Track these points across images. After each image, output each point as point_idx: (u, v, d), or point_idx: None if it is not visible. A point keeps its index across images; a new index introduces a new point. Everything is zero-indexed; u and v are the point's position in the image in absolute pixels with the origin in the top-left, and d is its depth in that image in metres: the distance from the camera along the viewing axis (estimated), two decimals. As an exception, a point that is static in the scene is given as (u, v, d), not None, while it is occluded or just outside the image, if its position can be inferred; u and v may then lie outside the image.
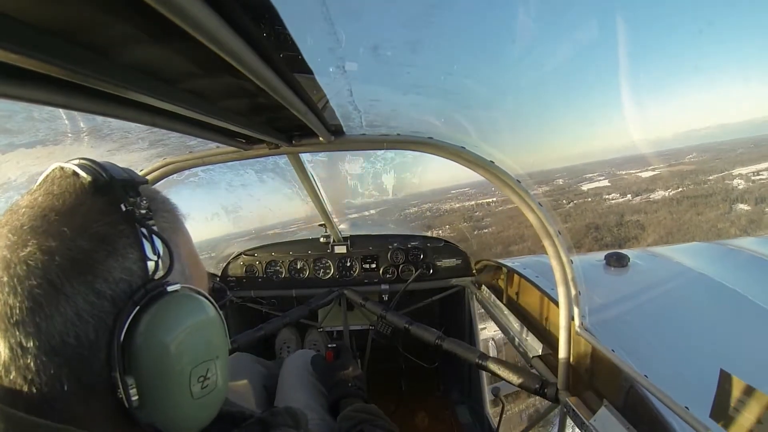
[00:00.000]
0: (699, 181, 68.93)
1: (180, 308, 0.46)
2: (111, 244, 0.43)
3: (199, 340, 0.47)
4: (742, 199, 60.13)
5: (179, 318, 0.45)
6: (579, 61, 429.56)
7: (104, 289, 0.41)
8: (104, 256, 0.42)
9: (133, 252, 0.44)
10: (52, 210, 0.42)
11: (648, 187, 66.69)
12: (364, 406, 1.13)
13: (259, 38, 0.48)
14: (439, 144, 1.23)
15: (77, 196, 0.44)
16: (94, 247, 0.42)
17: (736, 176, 66.93)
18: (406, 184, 2.61)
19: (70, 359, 0.40)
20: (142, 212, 0.46)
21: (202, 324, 0.48)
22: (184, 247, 0.52)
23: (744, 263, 2.05)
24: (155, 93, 0.56)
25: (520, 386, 1.52)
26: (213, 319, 0.49)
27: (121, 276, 0.43)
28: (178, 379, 0.45)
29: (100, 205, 0.44)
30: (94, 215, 0.43)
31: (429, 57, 0.78)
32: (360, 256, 2.63)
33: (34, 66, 0.39)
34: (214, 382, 0.48)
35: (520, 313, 1.95)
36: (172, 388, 0.44)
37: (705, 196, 62.81)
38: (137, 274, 0.44)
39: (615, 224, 53.61)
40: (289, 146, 1.17)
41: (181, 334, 0.45)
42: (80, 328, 0.40)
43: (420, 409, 2.63)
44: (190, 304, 0.47)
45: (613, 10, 57.24)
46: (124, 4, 0.36)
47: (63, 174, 0.46)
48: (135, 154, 1.22)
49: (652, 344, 1.33)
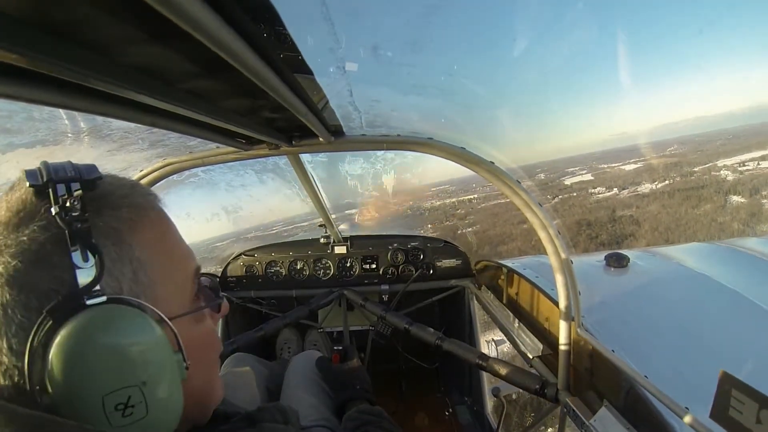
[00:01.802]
0: (685, 173, 68.51)
1: (97, 325, 0.39)
2: (38, 252, 0.39)
3: (116, 363, 0.40)
4: (735, 190, 59.59)
5: (93, 336, 0.39)
6: (579, 61, 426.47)
7: (31, 302, 0.38)
8: (30, 266, 0.39)
9: (63, 259, 0.40)
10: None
11: (634, 180, 65.88)
12: (369, 408, 1.13)
13: (259, 38, 0.48)
14: (439, 145, 1.23)
15: (19, 202, 0.42)
16: (18, 256, 0.39)
17: (722, 167, 66.64)
18: (406, 184, 2.61)
19: (9, 372, 0.39)
20: (74, 214, 0.40)
21: (125, 345, 0.40)
22: (149, 247, 0.47)
23: (744, 263, 2.05)
24: (155, 93, 0.56)
25: (520, 386, 1.52)
26: (145, 339, 0.42)
27: (49, 287, 0.39)
28: (89, 405, 0.39)
29: (30, 210, 0.41)
30: (27, 221, 0.41)
31: (429, 57, 0.78)
32: (360, 256, 2.63)
33: (34, 66, 0.39)
34: (141, 410, 0.41)
35: (520, 313, 1.95)
36: (85, 414, 0.39)
37: (697, 189, 62.02)
38: (68, 284, 0.39)
39: (608, 220, 52.52)
40: (289, 147, 1.17)
41: (90, 356, 0.39)
42: (12, 340, 0.39)
43: (420, 410, 2.63)
44: (113, 321, 0.40)
45: (609, 9, 57.44)
46: (124, 4, 0.36)
47: (19, 179, 0.44)
48: (135, 154, 1.22)
49: (652, 344, 1.33)
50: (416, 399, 2.78)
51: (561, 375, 1.39)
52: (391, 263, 2.62)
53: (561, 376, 1.39)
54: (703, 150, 75.07)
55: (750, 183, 59.90)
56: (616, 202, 59.73)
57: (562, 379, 1.39)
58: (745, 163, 65.73)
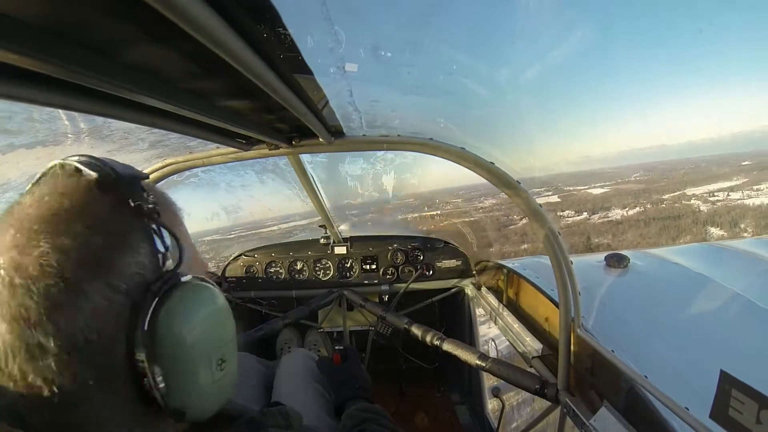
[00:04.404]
0: (655, 200, 68.38)
1: (195, 296, 0.48)
2: (123, 239, 0.44)
3: (214, 325, 0.49)
4: (713, 222, 59.51)
5: (196, 306, 0.47)
6: (579, 60, 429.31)
7: (119, 284, 0.42)
8: (118, 252, 0.43)
9: (145, 246, 0.45)
10: (61, 209, 0.42)
11: (603, 205, 65.15)
12: (368, 406, 1.13)
13: (259, 39, 0.48)
14: (439, 145, 1.23)
15: (85, 193, 0.44)
16: (108, 244, 0.42)
17: (692, 197, 66.87)
18: (406, 185, 2.61)
19: (92, 355, 0.40)
20: (150, 207, 0.47)
21: (215, 310, 0.50)
22: (185, 240, 0.53)
23: (744, 264, 2.05)
24: (155, 93, 0.56)
25: (520, 386, 1.52)
26: (223, 305, 0.51)
27: (134, 270, 0.43)
28: (200, 364, 0.47)
29: (109, 201, 0.45)
30: (105, 212, 0.44)
31: (429, 57, 0.77)
32: (360, 256, 2.63)
33: (34, 66, 0.39)
34: (230, 364, 0.51)
35: (520, 313, 1.95)
36: (195, 373, 0.46)
37: (673, 218, 61.72)
38: (149, 268, 0.45)
39: (584, 248, 50.12)
40: (289, 147, 1.17)
41: (199, 321, 0.47)
42: (101, 323, 0.40)
43: (420, 410, 2.63)
44: (203, 293, 0.49)
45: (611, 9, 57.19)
46: (124, 4, 0.36)
47: (65, 172, 0.45)
48: (135, 154, 1.22)
49: (652, 344, 1.33)
50: (416, 399, 2.78)
51: (561, 375, 1.39)
52: (391, 263, 2.62)
53: (561, 376, 1.39)
54: (668, 178, 75.17)
55: (728, 215, 59.84)
56: (588, 228, 58.75)
57: (561, 379, 1.39)
58: (714, 194, 66.16)
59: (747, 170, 73.40)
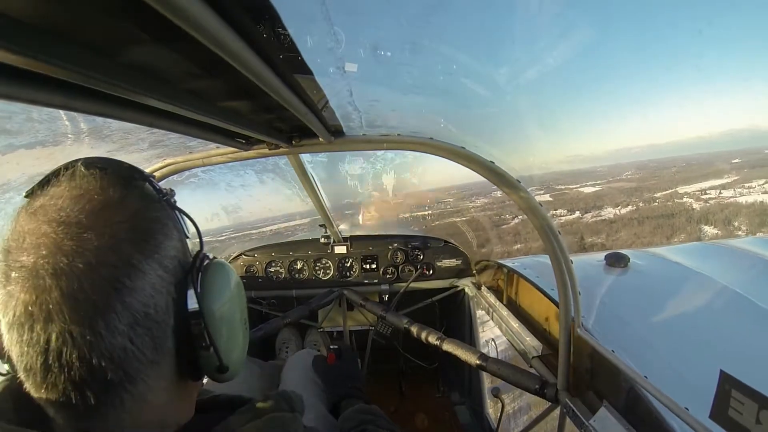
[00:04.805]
0: (647, 198, 68.02)
1: (223, 271, 0.56)
2: (164, 226, 0.49)
3: (239, 292, 0.59)
4: (707, 220, 59.29)
5: (225, 278, 0.56)
6: (579, 60, 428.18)
7: (167, 264, 0.48)
8: (162, 236, 0.48)
9: (176, 232, 0.51)
10: (107, 202, 0.45)
11: (595, 204, 64.67)
12: (366, 407, 1.13)
13: (259, 39, 0.48)
14: (439, 144, 1.23)
15: (120, 189, 0.47)
16: (155, 228, 0.48)
17: (684, 195, 66.66)
18: (406, 184, 2.61)
19: (151, 328, 0.45)
20: (173, 199, 0.53)
21: (237, 282, 0.59)
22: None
23: (744, 263, 2.05)
24: (155, 93, 0.56)
25: (520, 386, 1.52)
26: (239, 277, 0.60)
27: (173, 253, 0.49)
28: (238, 324, 0.57)
29: (142, 196, 0.49)
30: (143, 203, 0.49)
31: (429, 57, 0.77)
32: (360, 256, 2.63)
33: (34, 66, 0.39)
34: (249, 320, 0.62)
35: (520, 313, 1.95)
36: (234, 332, 0.56)
37: (667, 217, 61.38)
38: (181, 251, 0.51)
39: (578, 248, 50.14)
40: (289, 147, 1.17)
41: (231, 290, 0.56)
42: (157, 298, 0.45)
43: (420, 410, 2.63)
44: (226, 268, 0.57)
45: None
46: (124, 4, 0.36)
47: (91, 172, 0.48)
48: (135, 155, 1.22)
49: (652, 344, 1.33)
50: (416, 399, 2.78)
51: (561, 375, 1.39)
52: (391, 263, 2.62)
53: (561, 376, 1.39)
54: (659, 176, 74.74)
55: (721, 213, 59.57)
56: (581, 227, 58.07)
57: (561, 379, 1.39)
58: (707, 191, 66.10)
59: (738, 168, 73.47)
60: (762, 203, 61.18)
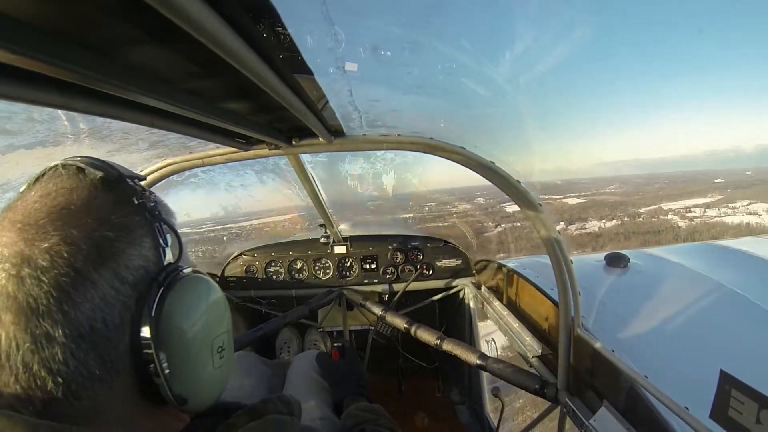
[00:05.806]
0: (632, 213, 68.16)
1: (196, 287, 0.51)
2: (130, 233, 0.46)
3: (215, 314, 0.52)
4: (693, 239, 58.98)
5: (197, 296, 0.50)
6: (579, 60, 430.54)
7: (126, 275, 0.44)
8: (125, 245, 0.45)
9: (148, 240, 0.47)
10: (69, 203, 0.43)
11: (580, 216, 64.27)
12: (368, 406, 1.13)
13: (259, 39, 0.48)
14: (439, 144, 1.23)
15: (90, 190, 0.46)
16: (117, 236, 0.44)
17: (668, 211, 66.92)
18: (407, 184, 2.62)
19: (98, 343, 0.41)
20: (151, 204, 0.49)
21: (215, 301, 0.53)
22: (177, 233, 0.56)
23: (744, 263, 2.05)
24: (155, 93, 0.56)
25: (520, 386, 1.52)
26: (221, 296, 0.55)
27: (139, 263, 0.45)
28: (203, 351, 0.49)
29: (114, 198, 0.47)
30: (111, 208, 0.46)
31: (429, 57, 0.77)
32: (360, 256, 2.63)
33: (34, 66, 0.39)
34: (228, 352, 0.54)
35: (520, 313, 1.95)
36: (198, 360, 0.49)
37: (654, 233, 61.26)
38: (152, 261, 0.47)
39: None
40: (289, 147, 1.17)
41: (201, 310, 0.50)
42: (106, 312, 0.42)
43: (420, 409, 2.63)
44: (203, 284, 0.52)
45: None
46: (124, 4, 0.36)
47: (67, 171, 0.47)
48: (135, 155, 1.22)
49: (652, 344, 1.33)
50: (416, 398, 2.78)
51: (561, 375, 1.39)
52: (391, 263, 2.62)
53: (561, 376, 1.39)
54: (644, 192, 75.29)
55: (708, 233, 59.46)
56: (567, 239, 58.93)
57: (561, 379, 1.39)
58: (691, 209, 66.54)
59: (721, 188, 74.27)
60: (748, 225, 61.47)
